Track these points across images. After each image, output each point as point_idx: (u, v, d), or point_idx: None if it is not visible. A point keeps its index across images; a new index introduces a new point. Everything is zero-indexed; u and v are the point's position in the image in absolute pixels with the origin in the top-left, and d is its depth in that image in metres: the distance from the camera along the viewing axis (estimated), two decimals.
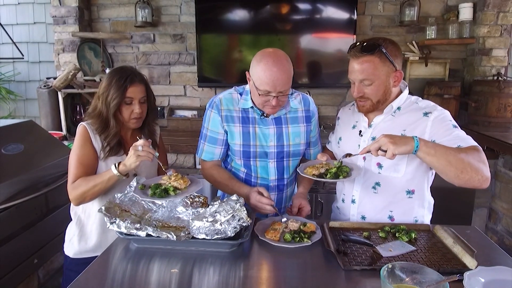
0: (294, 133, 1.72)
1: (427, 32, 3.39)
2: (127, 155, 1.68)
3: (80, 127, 1.64)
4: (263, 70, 1.49)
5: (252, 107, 1.67)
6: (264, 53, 1.55)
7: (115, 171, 1.51)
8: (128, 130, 1.73)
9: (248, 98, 1.67)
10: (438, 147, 1.32)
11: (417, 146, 1.28)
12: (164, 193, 1.44)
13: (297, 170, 1.59)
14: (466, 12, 3.27)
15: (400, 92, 1.58)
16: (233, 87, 1.76)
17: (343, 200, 1.71)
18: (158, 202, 1.48)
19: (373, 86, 1.48)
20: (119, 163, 1.52)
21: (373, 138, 1.56)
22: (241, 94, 1.71)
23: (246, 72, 1.61)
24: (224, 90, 1.75)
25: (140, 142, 1.48)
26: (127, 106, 1.61)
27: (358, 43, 1.49)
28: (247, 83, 1.75)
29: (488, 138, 2.91)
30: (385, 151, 1.29)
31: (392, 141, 1.27)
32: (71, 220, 1.74)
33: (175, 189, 1.46)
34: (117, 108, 1.60)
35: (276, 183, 1.75)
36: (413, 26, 3.41)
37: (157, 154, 1.53)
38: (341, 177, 1.46)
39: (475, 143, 1.40)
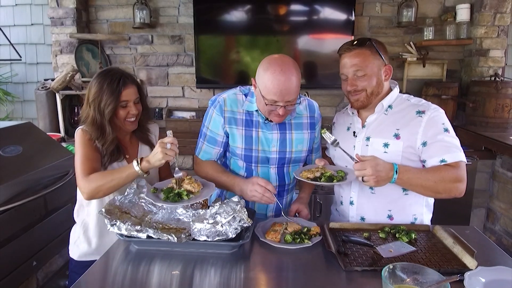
0: (298, 139, 1.68)
1: (425, 33, 3.40)
2: (128, 160, 1.67)
3: (79, 131, 1.60)
4: (270, 79, 1.43)
5: (257, 110, 1.62)
6: (271, 60, 1.48)
7: (137, 168, 1.44)
8: (125, 134, 1.70)
9: (253, 100, 1.63)
10: (413, 179, 1.44)
11: (394, 179, 1.42)
12: (178, 197, 1.39)
13: (293, 173, 1.58)
14: (463, 13, 3.29)
15: (390, 90, 1.61)
16: (238, 87, 1.71)
17: (341, 203, 1.71)
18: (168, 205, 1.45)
19: (366, 77, 1.52)
20: (141, 159, 1.45)
21: (367, 138, 1.58)
22: (246, 95, 1.66)
23: (252, 79, 1.55)
24: (223, 91, 1.72)
25: (169, 139, 1.40)
26: (122, 109, 1.58)
27: (349, 42, 1.57)
28: (247, 84, 1.74)
29: (486, 138, 2.92)
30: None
31: (375, 180, 1.39)
32: (73, 222, 1.74)
33: (189, 193, 1.42)
34: (113, 114, 1.56)
35: (277, 189, 1.71)
36: (410, 27, 3.42)
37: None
38: (335, 180, 1.47)
39: (460, 155, 1.46)
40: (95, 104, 1.55)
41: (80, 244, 1.69)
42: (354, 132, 1.64)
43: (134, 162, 1.45)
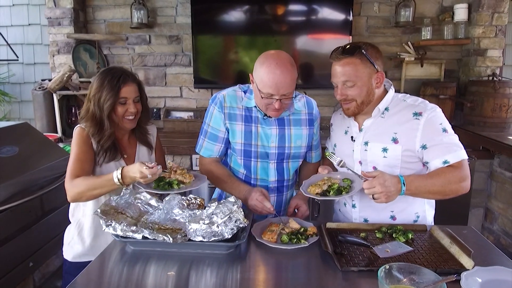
0: (296, 135, 1.70)
1: (423, 32, 3.40)
2: (125, 160, 1.67)
3: (77, 129, 1.62)
4: (266, 73, 1.48)
5: (255, 106, 1.66)
6: (267, 55, 1.53)
7: (116, 181, 1.46)
8: (124, 133, 1.71)
9: (252, 97, 1.66)
10: (420, 187, 1.42)
11: (403, 191, 1.40)
12: (168, 186, 1.43)
13: (301, 189, 1.57)
14: (461, 13, 3.29)
15: (385, 92, 1.58)
16: (237, 85, 1.74)
17: (344, 204, 1.71)
18: (160, 192, 1.47)
19: (356, 87, 1.49)
20: (122, 171, 1.46)
21: (366, 143, 1.56)
22: (245, 92, 1.70)
23: (250, 75, 1.59)
24: (220, 91, 1.73)
25: (148, 171, 1.40)
26: (121, 105, 1.59)
27: (339, 47, 1.52)
28: (244, 84, 1.75)
29: (484, 138, 2.92)
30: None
31: (386, 196, 1.37)
32: (69, 223, 1.73)
33: (179, 182, 1.45)
34: (111, 109, 1.58)
35: (276, 185, 1.74)
36: (408, 27, 3.42)
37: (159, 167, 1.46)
38: (344, 193, 1.46)
39: (462, 153, 1.45)
40: (95, 99, 1.58)
41: (74, 245, 1.68)
42: (352, 137, 1.62)
43: (115, 178, 1.46)
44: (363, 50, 1.47)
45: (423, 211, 1.62)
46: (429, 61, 3.46)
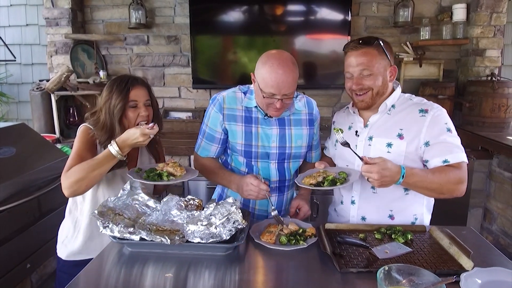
0: (297, 135, 1.71)
1: (421, 33, 3.40)
2: (127, 165, 1.64)
3: (83, 127, 1.61)
4: (268, 72, 1.48)
5: (256, 106, 1.66)
6: (269, 55, 1.53)
7: (116, 154, 1.45)
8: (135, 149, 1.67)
9: (253, 97, 1.66)
10: (418, 182, 1.43)
11: (399, 182, 1.39)
12: (158, 177, 1.45)
13: (295, 180, 1.58)
14: (459, 13, 3.29)
15: (393, 90, 1.60)
16: (237, 86, 1.74)
17: (342, 202, 1.70)
18: (148, 183, 1.50)
19: (373, 77, 1.50)
20: (117, 143, 1.45)
21: (370, 138, 1.57)
22: (245, 93, 1.70)
23: (251, 74, 1.60)
24: (219, 91, 1.73)
25: (152, 131, 1.46)
26: (132, 109, 1.58)
27: (355, 40, 1.55)
28: (243, 84, 1.75)
29: (483, 138, 2.92)
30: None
31: (379, 184, 1.37)
32: (65, 221, 1.72)
33: (170, 174, 1.47)
34: (122, 113, 1.56)
35: (277, 185, 1.74)
36: (407, 27, 3.42)
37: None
38: (338, 184, 1.46)
39: (462, 155, 1.47)
40: (105, 107, 1.57)
41: (69, 244, 1.67)
42: (356, 132, 1.63)
43: (114, 152, 1.46)
44: (380, 42, 1.50)
45: (421, 214, 1.62)
46: (428, 61, 3.46)
